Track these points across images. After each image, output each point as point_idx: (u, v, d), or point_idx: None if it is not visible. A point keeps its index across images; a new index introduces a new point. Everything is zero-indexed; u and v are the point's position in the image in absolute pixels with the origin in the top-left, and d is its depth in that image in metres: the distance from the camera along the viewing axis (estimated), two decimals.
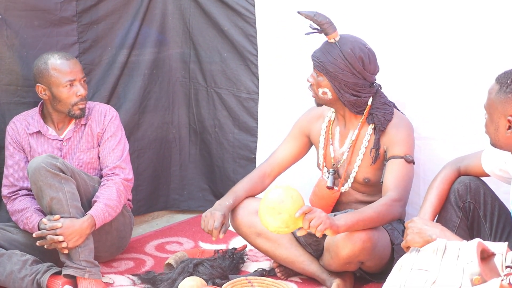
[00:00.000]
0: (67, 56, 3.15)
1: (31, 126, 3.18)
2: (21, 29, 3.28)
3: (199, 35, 3.80)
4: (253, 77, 3.70)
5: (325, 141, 3.09)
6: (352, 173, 3.00)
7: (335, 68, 2.86)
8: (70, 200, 2.95)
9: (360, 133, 2.99)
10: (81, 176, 3.07)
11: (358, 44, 2.89)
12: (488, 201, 2.61)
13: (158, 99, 3.83)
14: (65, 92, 3.10)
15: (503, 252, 2.09)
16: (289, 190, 2.61)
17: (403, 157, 2.89)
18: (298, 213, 2.58)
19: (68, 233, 2.90)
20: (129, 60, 3.68)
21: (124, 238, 3.31)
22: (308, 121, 3.16)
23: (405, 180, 2.87)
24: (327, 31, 2.87)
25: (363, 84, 2.91)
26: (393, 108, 3.01)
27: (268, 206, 2.58)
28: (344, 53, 2.85)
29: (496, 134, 2.35)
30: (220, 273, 3.03)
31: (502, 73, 2.34)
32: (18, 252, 2.97)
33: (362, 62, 2.87)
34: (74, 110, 3.14)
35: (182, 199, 3.99)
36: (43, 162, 2.92)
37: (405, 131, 2.94)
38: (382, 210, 2.77)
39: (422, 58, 3.12)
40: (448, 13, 3.02)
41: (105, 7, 3.55)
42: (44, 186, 2.91)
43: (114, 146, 3.23)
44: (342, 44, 2.87)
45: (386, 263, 2.89)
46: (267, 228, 2.63)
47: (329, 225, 2.62)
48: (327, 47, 2.90)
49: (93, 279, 2.95)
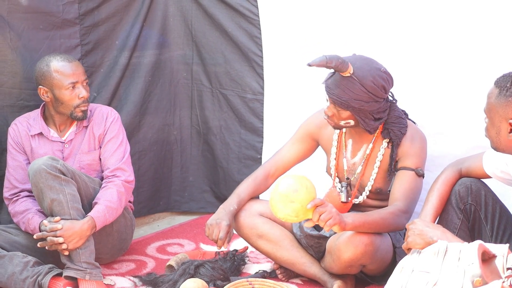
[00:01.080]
0: (69, 58, 3.16)
1: (32, 127, 3.19)
2: (24, 32, 3.29)
3: (202, 36, 3.81)
4: (258, 78, 3.72)
5: (337, 151, 3.06)
6: (368, 186, 2.99)
7: (360, 103, 2.77)
8: (71, 202, 2.95)
9: (374, 147, 2.98)
10: (82, 178, 3.07)
11: (376, 72, 2.78)
12: (489, 203, 2.61)
13: (160, 101, 3.83)
14: (67, 94, 3.11)
15: (504, 254, 2.09)
16: (304, 180, 2.60)
17: (414, 170, 2.88)
18: (310, 205, 2.57)
19: (68, 234, 2.90)
20: (130, 62, 3.69)
21: (125, 240, 3.31)
22: (316, 126, 3.11)
23: (413, 193, 2.86)
24: (342, 69, 2.73)
25: (384, 105, 2.87)
26: (406, 120, 2.97)
27: (282, 193, 2.57)
28: (367, 87, 2.75)
29: (497, 138, 2.35)
30: (221, 275, 3.03)
31: (501, 76, 2.34)
32: (19, 254, 2.97)
33: (384, 89, 2.81)
34: (76, 112, 3.14)
35: (183, 201, 3.99)
36: (44, 164, 2.92)
37: (419, 144, 2.92)
38: (388, 218, 2.77)
39: (425, 59, 3.14)
40: (453, 16, 3.03)
41: (107, 9, 3.56)
42: (45, 188, 2.92)
43: (115, 148, 3.23)
44: (361, 77, 2.75)
45: (387, 266, 2.88)
46: (276, 215, 2.62)
47: (338, 221, 2.62)
48: (345, 83, 2.76)
49: (94, 280, 2.95)
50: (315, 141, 3.14)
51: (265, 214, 3.06)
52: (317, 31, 3.38)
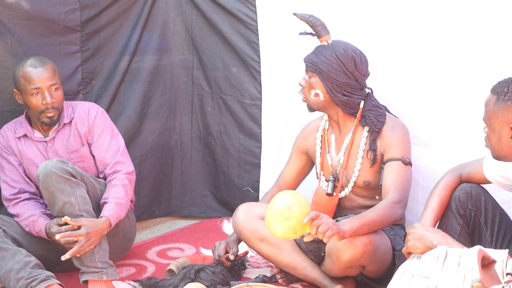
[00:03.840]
0: (38, 62, 3.11)
1: (18, 130, 3.21)
2: (24, 38, 3.30)
3: (202, 41, 3.82)
4: (256, 83, 3.73)
5: (321, 150, 3.12)
6: (353, 177, 3.02)
7: (328, 67, 2.93)
8: (82, 204, 2.97)
9: (355, 137, 3.03)
10: (90, 180, 3.09)
11: (350, 46, 2.99)
12: (489, 208, 2.61)
13: (160, 106, 3.84)
14: (32, 100, 3.10)
15: (504, 259, 2.10)
16: (296, 196, 2.62)
17: (400, 159, 2.92)
18: (306, 219, 2.58)
19: (92, 231, 2.91)
20: (130, 66, 3.70)
21: (129, 240, 3.35)
22: (303, 138, 3.21)
23: (403, 182, 2.89)
24: (321, 33, 2.96)
25: (354, 85, 2.97)
26: (385, 111, 3.05)
27: (276, 212, 2.58)
28: (337, 53, 2.94)
29: (499, 145, 2.34)
30: (221, 280, 3.03)
31: (497, 83, 2.34)
32: (24, 252, 2.95)
33: (354, 62, 2.94)
34: (42, 117, 3.13)
35: (183, 205, 4.00)
36: (54, 167, 2.93)
37: (400, 133, 2.97)
38: (385, 213, 2.78)
39: (422, 65, 3.14)
40: (448, 20, 3.04)
41: (108, 16, 3.57)
42: (56, 191, 2.93)
43: (107, 142, 3.23)
44: (334, 45, 2.97)
45: (387, 268, 2.90)
46: (274, 234, 2.63)
47: (336, 230, 2.63)
48: (320, 49, 2.99)
49: (109, 279, 2.97)
50: (306, 154, 3.21)
51: None
52: (314, 37, 3.37)
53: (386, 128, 2.98)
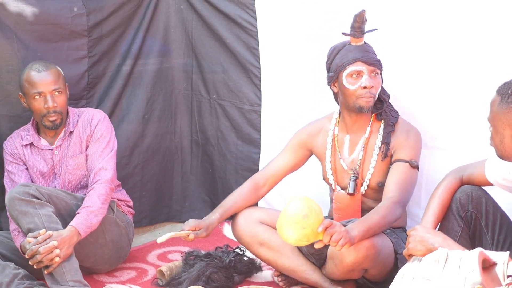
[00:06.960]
0: (43, 67, 3.13)
1: (25, 138, 3.22)
2: (31, 43, 3.31)
3: (201, 46, 3.82)
4: (256, 89, 3.72)
5: (331, 155, 3.10)
6: (368, 174, 3.02)
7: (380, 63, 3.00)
8: (47, 222, 2.92)
9: (372, 131, 3.03)
10: (61, 198, 3.05)
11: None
12: (490, 210, 2.61)
13: (162, 110, 3.84)
14: (35, 104, 3.12)
15: (505, 261, 2.10)
16: (311, 203, 2.59)
17: (408, 161, 2.92)
18: (321, 228, 2.57)
19: (59, 240, 2.87)
20: (133, 70, 3.71)
21: (122, 248, 3.30)
22: (308, 135, 3.17)
23: (407, 183, 2.89)
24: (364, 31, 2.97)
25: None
26: (398, 114, 3.06)
27: (291, 220, 2.55)
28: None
29: (502, 145, 2.36)
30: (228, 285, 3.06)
31: (502, 84, 2.36)
32: (12, 265, 2.96)
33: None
34: (44, 121, 3.15)
35: (184, 211, 3.98)
36: (15, 191, 2.94)
37: (414, 137, 2.99)
38: (387, 214, 2.79)
39: (427, 69, 3.14)
40: (457, 23, 3.04)
41: (114, 21, 3.59)
42: (20, 215, 2.92)
43: (102, 148, 3.22)
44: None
45: (389, 271, 2.90)
46: (286, 241, 2.61)
47: (349, 239, 2.62)
48: (368, 47, 2.98)
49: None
50: (307, 151, 3.18)
51: (266, 222, 3.07)
52: (314, 43, 3.38)
53: (401, 130, 2.99)
